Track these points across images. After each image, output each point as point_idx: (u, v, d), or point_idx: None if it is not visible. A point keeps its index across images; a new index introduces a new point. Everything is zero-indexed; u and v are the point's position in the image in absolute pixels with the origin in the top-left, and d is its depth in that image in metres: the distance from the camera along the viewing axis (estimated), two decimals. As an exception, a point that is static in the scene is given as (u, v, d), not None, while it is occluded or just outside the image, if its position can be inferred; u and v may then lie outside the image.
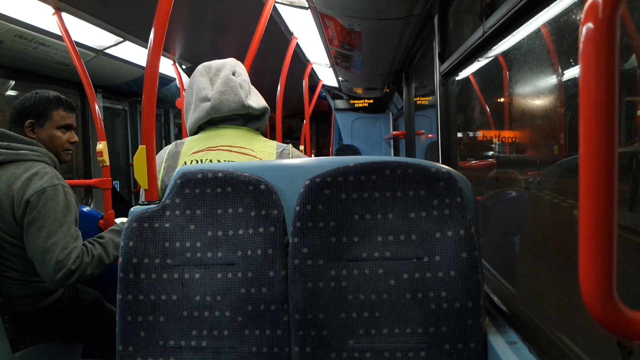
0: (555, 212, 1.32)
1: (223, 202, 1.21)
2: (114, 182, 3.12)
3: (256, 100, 1.66)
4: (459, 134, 2.64)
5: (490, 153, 2.34)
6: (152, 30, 1.37)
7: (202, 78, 1.63)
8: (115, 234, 1.88)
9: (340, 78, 5.81)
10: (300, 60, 4.67)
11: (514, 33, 1.45)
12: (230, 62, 1.68)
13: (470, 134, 2.75)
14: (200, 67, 1.67)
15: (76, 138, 2.00)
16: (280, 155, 1.58)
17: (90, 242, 1.78)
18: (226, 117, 1.60)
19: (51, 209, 1.69)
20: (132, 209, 1.27)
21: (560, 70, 1.35)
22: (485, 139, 2.46)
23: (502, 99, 2.02)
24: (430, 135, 4.56)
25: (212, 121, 1.62)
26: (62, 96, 1.97)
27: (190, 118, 1.63)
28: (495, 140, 2.22)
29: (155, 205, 1.24)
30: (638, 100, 1.05)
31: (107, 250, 1.79)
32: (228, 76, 1.61)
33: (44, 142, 1.89)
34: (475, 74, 2.30)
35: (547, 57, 1.42)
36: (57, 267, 1.64)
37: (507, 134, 2.04)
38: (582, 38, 0.46)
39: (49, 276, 1.66)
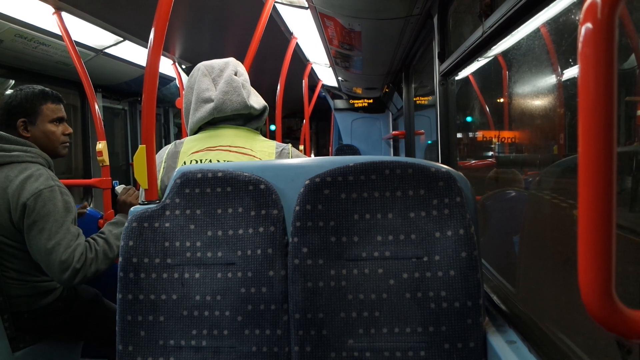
0: (555, 212, 1.32)
1: (223, 202, 1.21)
2: (113, 181, 3.12)
3: (256, 101, 1.66)
4: (459, 135, 2.64)
5: (490, 153, 2.35)
6: (152, 29, 1.37)
7: (205, 79, 1.62)
8: (113, 225, 1.87)
9: (339, 78, 5.81)
10: (300, 60, 4.67)
11: (513, 33, 1.45)
12: (233, 62, 1.68)
13: (470, 134, 2.75)
14: (201, 66, 1.66)
15: (70, 129, 1.98)
16: (280, 155, 1.58)
17: (92, 238, 1.78)
18: (227, 116, 1.60)
19: (50, 211, 1.68)
20: (132, 208, 1.27)
21: (559, 70, 1.36)
22: (484, 139, 2.46)
23: (501, 99, 2.02)
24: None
25: (213, 121, 1.62)
26: (47, 89, 1.93)
27: (191, 118, 1.62)
28: (494, 140, 2.22)
29: (155, 205, 1.24)
30: (638, 100, 1.05)
31: (109, 242, 1.79)
32: (231, 76, 1.61)
33: (40, 139, 1.87)
34: (474, 73, 2.30)
35: (546, 57, 1.42)
36: (62, 267, 1.65)
37: (507, 134, 2.04)
38: (581, 38, 0.46)
39: (56, 277, 1.67)
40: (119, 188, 2.15)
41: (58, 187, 1.74)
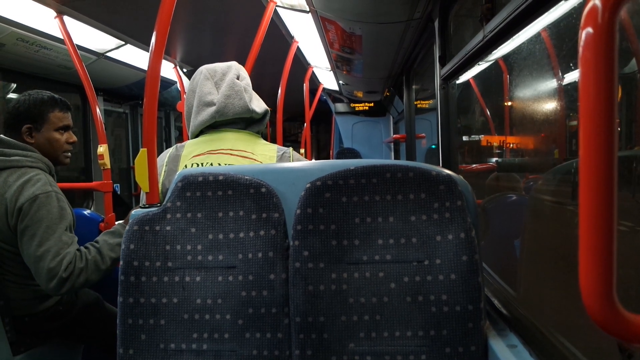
0: (556, 216, 1.32)
1: (224, 205, 1.21)
2: (114, 185, 3.12)
3: (258, 105, 1.66)
4: (465, 137, 2.64)
5: (489, 156, 2.35)
6: (154, 33, 1.37)
7: (207, 82, 1.62)
8: (109, 235, 1.79)
9: (340, 81, 5.82)
10: (301, 63, 4.67)
11: (514, 37, 1.45)
12: (235, 66, 1.67)
13: (471, 137, 2.75)
14: (203, 69, 1.66)
15: (75, 138, 1.96)
16: (281, 158, 1.58)
17: (85, 247, 1.73)
18: (229, 120, 1.61)
19: (43, 217, 1.65)
20: (133, 212, 1.27)
21: (560, 74, 1.36)
22: (487, 143, 2.46)
23: (502, 103, 2.03)
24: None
25: (214, 125, 1.62)
26: (56, 96, 1.91)
27: (193, 122, 1.63)
28: (495, 143, 2.23)
29: (156, 209, 1.24)
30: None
31: (101, 253, 1.72)
32: (233, 80, 1.61)
33: (43, 146, 1.85)
34: (474, 77, 2.30)
35: (547, 61, 1.43)
36: (49, 276, 1.61)
37: (507, 138, 2.04)
38: (581, 42, 0.46)
39: (44, 285, 1.63)
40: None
41: (55, 193, 1.71)
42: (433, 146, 4.66)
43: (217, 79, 1.63)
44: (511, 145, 2.00)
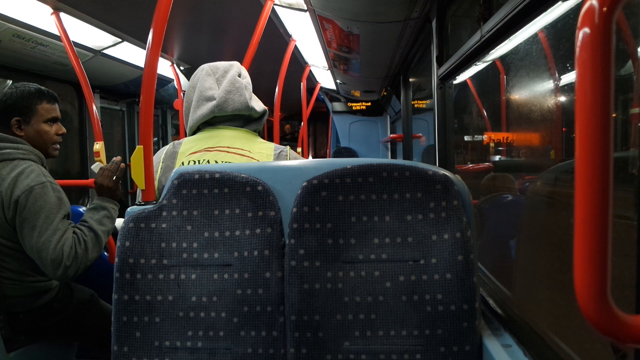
0: (552, 217, 1.33)
1: (220, 203, 1.21)
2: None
3: (257, 104, 1.68)
4: (467, 138, 2.64)
5: (486, 156, 2.35)
6: (151, 31, 1.36)
7: (209, 78, 1.64)
8: (92, 212, 1.82)
9: (338, 80, 5.82)
10: (298, 62, 4.67)
11: (511, 37, 1.46)
12: (237, 65, 1.71)
13: (473, 137, 2.75)
14: (206, 67, 1.68)
15: (64, 129, 1.95)
16: (278, 156, 1.59)
17: (79, 228, 1.74)
18: (227, 117, 1.61)
19: (41, 207, 1.66)
20: (128, 209, 1.27)
21: (557, 74, 1.36)
22: (487, 140, 2.46)
23: (499, 103, 2.03)
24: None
25: (212, 121, 1.62)
26: (43, 87, 1.91)
27: (191, 116, 1.63)
28: (492, 144, 2.23)
29: (152, 206, 1.24)
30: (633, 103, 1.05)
31: (94, 230, 1.75)
32: (235, 77, 1.63)
33: (32, 139, 1.85)
34: (471, 77, 2.30)
35: (544, 62, 1.43)
36: (53, 265, 1.63)
37: (504, 139, 2.05)
38: (578, 43, 0.46)
39: (51, 274, 1.66)
40: (95, 167, 2.03)
41: (50, 183, 1.72)
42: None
43: (218, 75, 1.65)
44: (508, 144, 2.00)
